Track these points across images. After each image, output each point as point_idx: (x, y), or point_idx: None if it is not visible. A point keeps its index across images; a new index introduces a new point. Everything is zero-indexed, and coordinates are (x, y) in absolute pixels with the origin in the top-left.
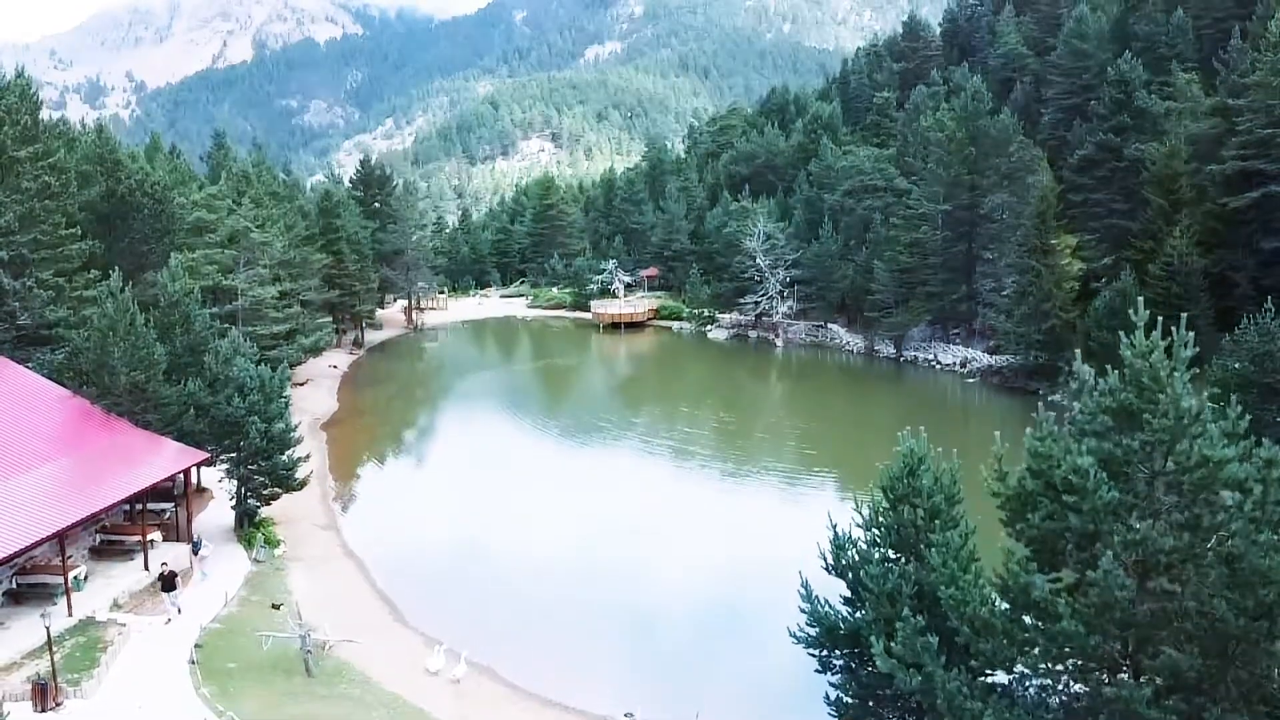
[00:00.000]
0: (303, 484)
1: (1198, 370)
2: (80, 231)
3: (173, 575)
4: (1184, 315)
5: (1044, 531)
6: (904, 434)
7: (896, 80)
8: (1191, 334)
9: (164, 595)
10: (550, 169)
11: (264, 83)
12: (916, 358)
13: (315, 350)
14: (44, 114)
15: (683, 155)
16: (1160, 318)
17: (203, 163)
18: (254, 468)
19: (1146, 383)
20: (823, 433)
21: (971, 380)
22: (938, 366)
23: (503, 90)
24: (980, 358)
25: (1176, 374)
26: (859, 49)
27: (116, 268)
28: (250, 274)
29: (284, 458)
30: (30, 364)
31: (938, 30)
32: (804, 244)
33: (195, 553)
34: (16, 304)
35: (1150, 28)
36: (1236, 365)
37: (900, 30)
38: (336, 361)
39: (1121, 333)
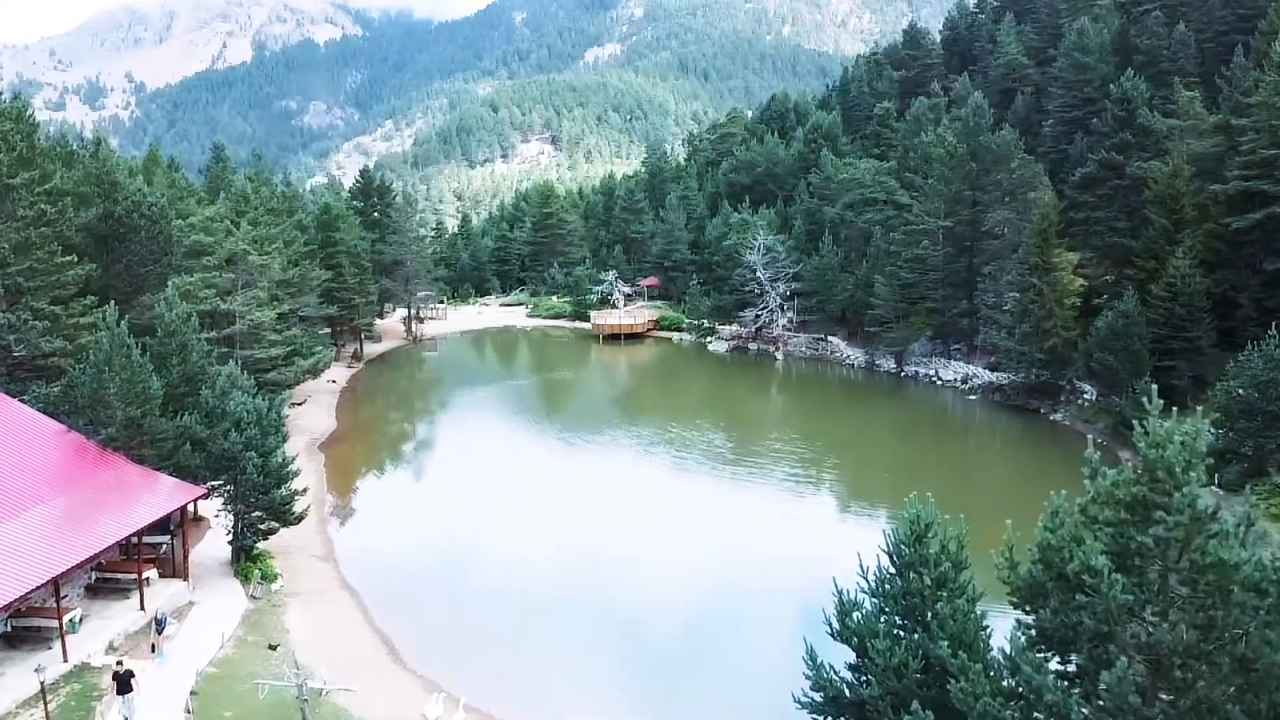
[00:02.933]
0: (300, 518)
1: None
2: (76, 256)
3: (128, 676)
4: (1198, 410)
5: (1056, 624)
6: (911, 498)
7: (897, 89)
8: (1207, 421)
9: (116, 699)
10: (549, 172)
11: (263, 84)
12: (917, 373)
13: (315, 371)
14: (44, 116)
15: (682, 161)
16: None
17: (201, 175)
18: (251, 502)
19: (1161, 476)
20: (823, 452)
21: (973, 397)
22: (939, 382)
23: (502, 92)
24: (981, 374)
25: (1193, 470)
26: (859, 56)
27: (112, 293)
28: (249, 296)
29: (282, 492)
30: (26, 397)
31: (938, 38)
32: (804, 256)
33: (159, 631)
34: (11, 337)
35: (1152, 41)
36: (1240, 391)
37: (900, 37)
38: (335, 376)
39: (1136, 422)
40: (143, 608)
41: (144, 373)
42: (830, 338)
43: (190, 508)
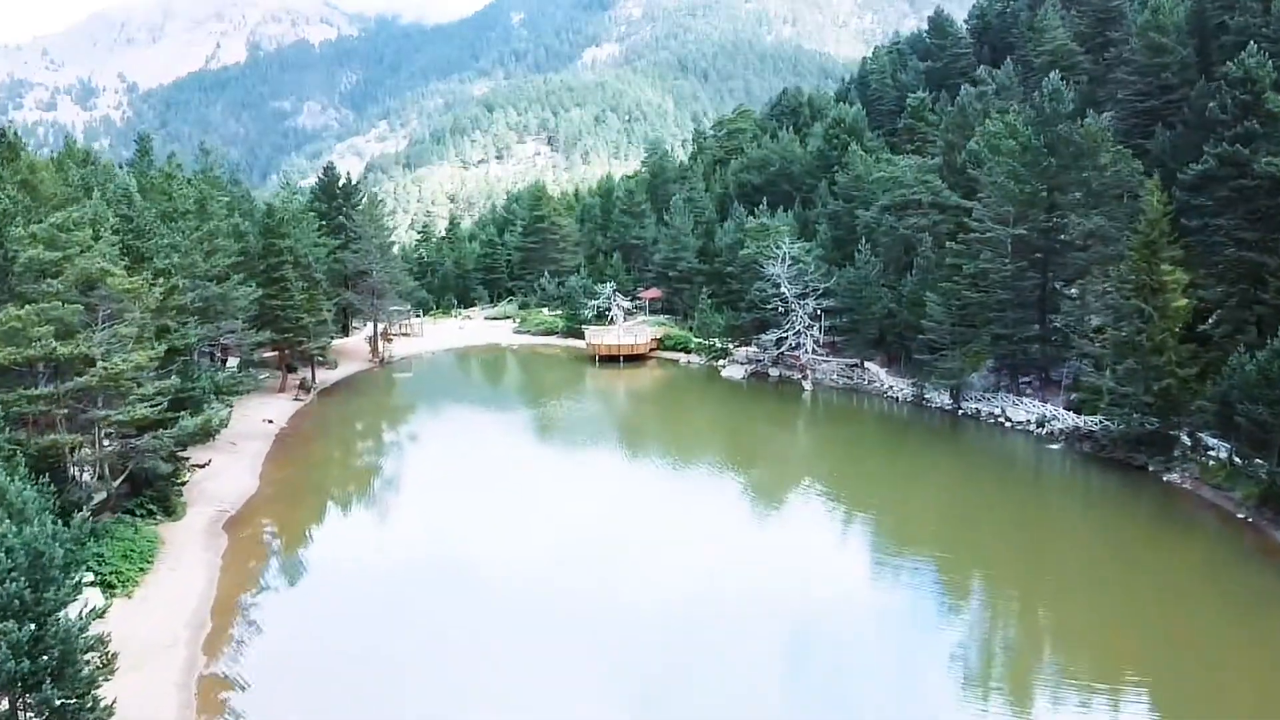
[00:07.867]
0: None
1: None
2: None
3: None
4: None
5: None
6: None
7: (923, 80)
8: None
9: None
10: (546, 174)
11: (257, 84)
12: (979, 411)
13: (207, 432)
14: (35, 116)
15: (686, 162)
16: None
17: (123, 171)
18: (14, 701)
19: None
20: (860, 515)
21: (1054, 446)
22: (1006, 424)
23: (498, 93)
24: (1062, 416)
25: None
26: (877, 48)
27: None
28: (111, 333)
29: (78, 675)
30: None
31: (964, 27)
32: (833, 267)
33: None
34: None
35: (1244, 19)
36: None
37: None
38: (273, 413)
39: None
40: None
41: None
42: (867, 364)
43: None
